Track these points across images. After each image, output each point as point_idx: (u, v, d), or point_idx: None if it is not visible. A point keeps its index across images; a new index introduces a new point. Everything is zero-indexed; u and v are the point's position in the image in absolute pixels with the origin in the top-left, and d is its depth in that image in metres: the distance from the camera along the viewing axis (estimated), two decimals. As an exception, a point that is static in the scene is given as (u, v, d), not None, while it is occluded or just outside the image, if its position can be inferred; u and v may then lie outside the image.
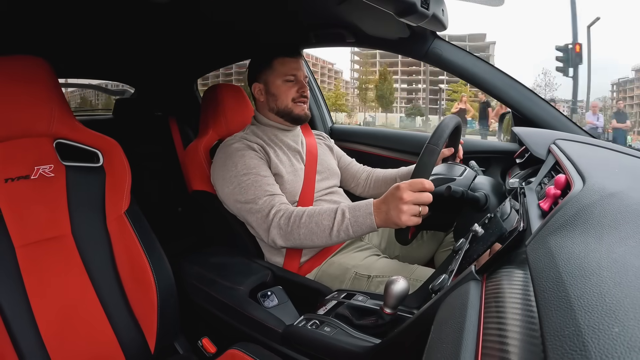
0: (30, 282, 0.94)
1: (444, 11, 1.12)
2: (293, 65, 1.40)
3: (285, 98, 1.39)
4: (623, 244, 0.40)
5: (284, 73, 1.39)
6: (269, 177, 1.26)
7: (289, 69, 1.39)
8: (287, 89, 1.39)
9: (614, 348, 0.26)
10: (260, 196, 1.20)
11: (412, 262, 1.33)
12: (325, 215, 1.10)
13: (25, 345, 0.90)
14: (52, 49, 1.74)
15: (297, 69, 1.40)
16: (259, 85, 1.43)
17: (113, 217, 1.08)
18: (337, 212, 1.09)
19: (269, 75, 1.40)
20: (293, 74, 1.39)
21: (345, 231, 1.08)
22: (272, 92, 1.40)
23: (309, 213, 1.12)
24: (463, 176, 1.17)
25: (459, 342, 0.41)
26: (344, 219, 1.08)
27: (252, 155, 1.28)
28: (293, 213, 1.14)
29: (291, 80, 1.39)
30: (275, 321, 1.02)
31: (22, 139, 1.01)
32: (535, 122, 1.44)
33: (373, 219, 1.04)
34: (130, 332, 1.03)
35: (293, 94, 1.40)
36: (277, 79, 1.39)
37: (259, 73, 1.42)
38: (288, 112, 1.40)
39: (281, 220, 1.14)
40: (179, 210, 2.45)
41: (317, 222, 1.10)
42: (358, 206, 1.08)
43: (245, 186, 1.22)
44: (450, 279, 0.67)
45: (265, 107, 1.43)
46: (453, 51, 1.45)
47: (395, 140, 1.95)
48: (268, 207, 1.18)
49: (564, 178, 0.68)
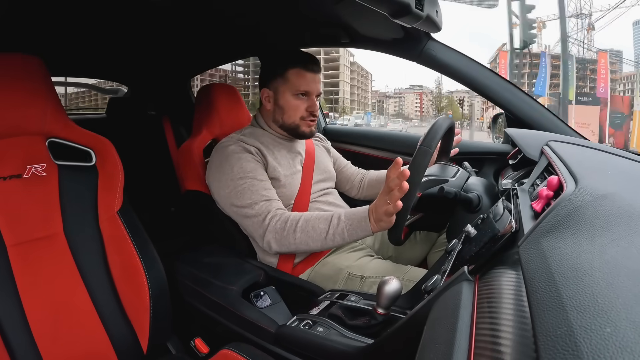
0: (22, 281, 0.93)
1: (438, 12, 1.13)
2: (309, 79, 1.32)
3: (293, 115, 1.34)
4: (615, 245, 0.41)
5: (297, 87, 1.31)
6: (265, 182, 1.24)
7: (304, 83, 1.31)
8: (297, 105, 1.33)
9: (606, 348, 0.26)
10: (257, 201, 1.19)
11: (405, 262, 1.33)
12: (321, 220, 1.11)
13: (17, 345, 0.89)
14: (45, 47, 1.73)
15: (312, 84, 1.33)
16: (269, 92, 1.36)
17: (105, 216, 1.07)
18: (333, 216, 1.11)
19: (280, 85, 1.33)
20: (306, 89, 1.32)
21: (341, 234, 1.08)
22: (280, 104, 1.34)
23: (306, 217, 1.13)
24: (456, 177, 1.17)
25: (451, 342, 0.41)
26: (340, 223, 1.09)
27: (248, 158, 1.26)
28: (290, 217, 1.14)
29: (303, 95, 1.33)
30: (268, 321, 1.02)
31: (14, 138, 1.00)
32: (528, 123, 1.44)
33: (368, 222, 1.05)
34: (122, 332, 1.03)
35: (302, 112, 1.33)
36: (288, 92, 1.32)
37: (271, 80, 1.35)
38: (294, 128, 1.36)
39: (277, 224, 1.14)
40: (172, 210, 2.44)
41: (314, 225, 1.10)
42: (354, 211, 1.09)
43: (242, 190, 1.21)
44: (443, 279, 0.67)
45: (270, 116, 1.38)
46: (447, 52, 1.46)
47: (388, 140, 1.95)
48: (264, 212, 1.17)
49: (557, 179, 0.68)
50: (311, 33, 1.62)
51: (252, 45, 1.91)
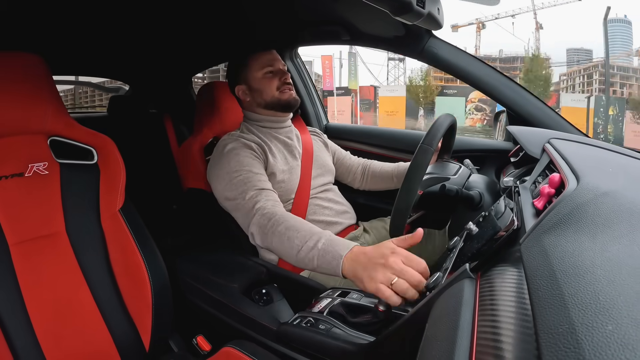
0: (24, 280, 0.93)
1: (439, 10, 1.12)
2: (268, 57, 1.42)
3: (269, 89, 1.40)
4: (617, 242, 0.41)
5: (261, 66, 1.41)
6: (260, 175, 1.24)
7: (265, 61, 1.41)
8: (268, 80, 1.40)
9: (608, 346, 0.26)
10: (248, 190, 1.18)
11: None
12: (300, 234, 0.99)
13: (20, 344, 0.89)
14: (46, 45, 1.73)
15: (273, 60, 1.42)
16: (242, 87, 1.43)
17: (107, 214, 1.07)
18: (312, 237, 0.97)
19: (247, 73, 1.41)
20: (270, 65, 1.41)
21: (310, 260, 0.95)
22: (255, 88, 1.41)
23: (288, 225, 1.04)
24: (457, 175, 1.17)
25: (453, 340, 0.41)
26: (314, 248, 0.95)
27: (246, 153, 1.27)
28: (275, 216, 1.08)
29: (270, 72, 1.41)
30: (270, 319, 1.02)
31: (15, 137, 1.00)
32: (529, 121, 1.44)
33: (340, 263, 0.88)
34: (124, 330, 1.03)
35: (276, 83, 1.41)
36: (256, 75, 1.40)
37: (238, 75, 1.43)
38: (276, 101, 1.41)
39: (262, 219, 1.09)
40: (174, 208, 2.44)
41: (290, 237, 1.01)
42: (336, 242, 0.94)
43: (236, 182, 1.21)
44: (444, 277, 0.67)
45: (253, 104, 1.44)
46: (448, 50, 1.45)
47: (390, 138, 1.95)
48: (253, 202, 1.15)
49: (558, 177, 0.68)
50: (312, 30, 1.62)
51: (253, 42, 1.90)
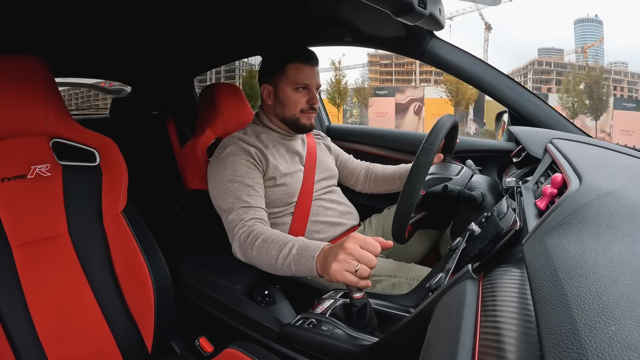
0: (27, 281, 0.94)
1: (440, 10, 1.12)
2: (308, 73, 1.34)
3: (293, 108, 1.35)
4: (619, 242, 0.41)
5: (296, 81, 1.33)
6: (252, 187, 1.23)
7: (303, 77, 1.34)
8: (297, 98, 1.34)
9: (611, 346, 0.26)
10: (235, 207, 1.18)
11: (409, 260, 1.33)
12: (276, 245, 1.04)
13: (22, 345, 0.90)
14: (48, 47, 1.73)
15: (311, 77, 1.35)
16: (269, 88, 1.38)
17: (110, 216, 1.07)
18: (287, 245, 1.03)
19: (280, 80, 1.35)
20: (306, 83, 1.34)
21: (288, 267, 1.01)
22: (281, 98, 1.36)
23: (265, 238, 1.07)
24: (460, 175, 1.17)
25: (456, 340, 0.41)
26: (289, 255, 1.01)
27: (242, 161, 1.25)
28: (253, 232, 1.10)
29: (304, 87, 1.35)
30: (273, 320, 1.02)
31: (18, 139, 1.00)
32: (532, 121, 1.44)
33: (314, 263, 0.96)
34: (127, 331, 1.03)
35: (302, 104, 1.35)
36: (288, 87, 1.34)
37: (271, 75, 1.37)
38: (295, 121, 1.37)
39: (242, 236, 1.12)
40: (176, 209, 2.44)
41: (267, 248, 1.05)
42: (308, 245, 1.00)
43: (227, 193, 1.20)
44: (447, 277, 0.67)
45: (271, 111, 1.40)
46: (450, 50, 1.45)
47: (392, 139, 1.95)
48: (238, 220, 1.16)
49: (561, 177, 0.68)
50: (314, 32, 1.62)
51: (255, 44, 1.91)
